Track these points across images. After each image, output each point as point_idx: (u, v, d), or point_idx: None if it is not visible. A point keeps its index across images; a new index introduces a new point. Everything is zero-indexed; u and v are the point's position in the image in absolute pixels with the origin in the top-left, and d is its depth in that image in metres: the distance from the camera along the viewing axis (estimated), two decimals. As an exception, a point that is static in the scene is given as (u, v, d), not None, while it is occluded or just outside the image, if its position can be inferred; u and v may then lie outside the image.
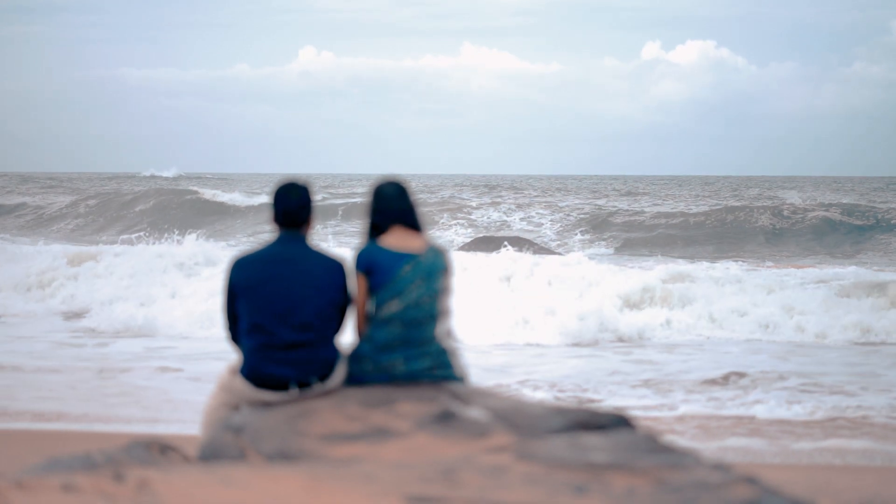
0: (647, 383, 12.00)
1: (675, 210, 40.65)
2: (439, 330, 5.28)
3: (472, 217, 41.51)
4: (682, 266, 20.26)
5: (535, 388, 11.63)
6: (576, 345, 15.05)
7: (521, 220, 41.60)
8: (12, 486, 3.41)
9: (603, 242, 34.83)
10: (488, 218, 41.54)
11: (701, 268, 20.06)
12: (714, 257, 30.00)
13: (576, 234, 36.16)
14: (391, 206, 5.38)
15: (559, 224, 38.84)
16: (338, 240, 32.80)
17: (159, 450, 5.04)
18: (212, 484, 3.63)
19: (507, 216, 43.02)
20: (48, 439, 8.77)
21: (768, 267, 24.94)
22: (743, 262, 26.65)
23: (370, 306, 5.27)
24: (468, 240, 35.21)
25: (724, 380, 12.08)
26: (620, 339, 15.43)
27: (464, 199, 52.63)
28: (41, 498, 3.35)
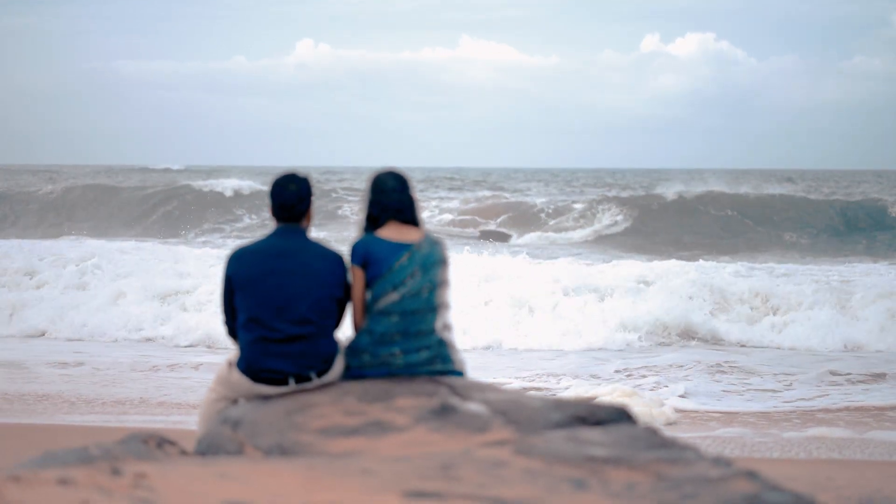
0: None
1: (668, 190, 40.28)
2: (438, 322, 5.24)
3: (466, 195, 41.52)
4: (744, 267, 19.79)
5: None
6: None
7: (514, 193, 41.64)
8: (8, 480, 3.39)
9: (605, 217, 34.44)
10: (483, 195, 41.50)
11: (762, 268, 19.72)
12: (730, 248, 29.81)
13: (576, 206, 36.00)
14: (391, 199, 5.31)
15: (555, 199, 38.72)
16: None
17: (156, 444, 5.03)
18: (209, 478, 3.61)
19: (501, 190, 43.10)
20: (44, 433, 8.75)
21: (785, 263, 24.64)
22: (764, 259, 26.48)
23: (368, 299, 5.24)
24: (463, 218, 35.28)
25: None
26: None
27: (458, 186, 52.83)
28: (37, 492, 3.33)
